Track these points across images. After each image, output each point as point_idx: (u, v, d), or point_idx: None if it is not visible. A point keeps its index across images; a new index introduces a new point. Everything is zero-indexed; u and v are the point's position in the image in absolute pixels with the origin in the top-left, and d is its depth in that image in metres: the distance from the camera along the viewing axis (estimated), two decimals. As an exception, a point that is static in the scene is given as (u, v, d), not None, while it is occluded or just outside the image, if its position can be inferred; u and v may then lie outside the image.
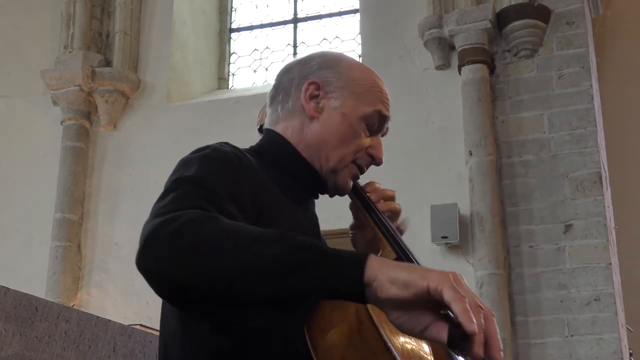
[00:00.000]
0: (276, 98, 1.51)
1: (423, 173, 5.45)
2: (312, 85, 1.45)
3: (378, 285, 1.01)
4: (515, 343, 4.98)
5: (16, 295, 1.86)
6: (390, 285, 1.00)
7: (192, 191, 1.20)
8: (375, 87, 1.48)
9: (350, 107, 1.44)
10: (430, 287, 0.99)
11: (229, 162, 1.31)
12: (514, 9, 5.52)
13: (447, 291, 0.98)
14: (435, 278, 0.99)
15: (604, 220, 5.02)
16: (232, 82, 7.08)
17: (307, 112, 1.45)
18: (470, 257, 5.18)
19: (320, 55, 1.53)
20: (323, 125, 1.44)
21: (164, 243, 1.08)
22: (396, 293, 1.00)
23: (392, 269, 1.02)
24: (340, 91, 1.45)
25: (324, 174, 1.46)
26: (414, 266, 1.06)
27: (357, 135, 1.44)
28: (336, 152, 1.44)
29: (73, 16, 6.61)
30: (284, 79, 1.51)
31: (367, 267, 1.02)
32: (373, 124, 1.46)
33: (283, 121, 1.48)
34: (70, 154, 6.36)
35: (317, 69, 1.47)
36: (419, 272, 1.01)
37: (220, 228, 1.09)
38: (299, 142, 1.46)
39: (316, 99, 1.45)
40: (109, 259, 6.08)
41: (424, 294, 0.99)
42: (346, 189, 1.49)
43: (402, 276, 1.00)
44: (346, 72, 1.47)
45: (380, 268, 1.02)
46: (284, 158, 1.46)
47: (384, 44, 5.93)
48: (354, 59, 1.58)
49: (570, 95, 5.33)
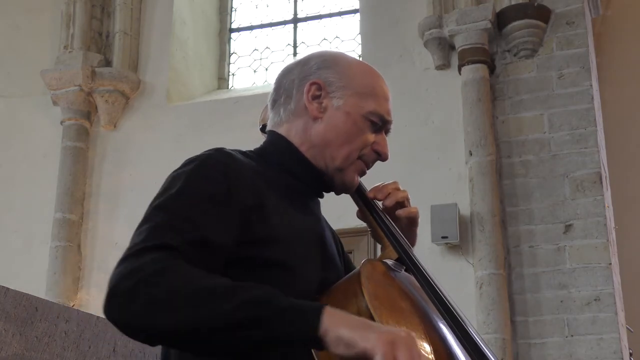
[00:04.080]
0: (278, 100, 1.51)
1: (423, 173, 5.45)
2: (314, 85, 1.46)
3: (329, 341, 1.05)
4: (515, 343, 4.98)
5: (16, 295, 1.86)
6: (338, 344, 1.05)
7: (164, 225, 1.22)
8: (376, 86, 1.49)
9: (352, 105, 1.45)
10: (367, 350, 1.03)
11: (215, 179, 1.30)
12: (514, 9, 5.52)
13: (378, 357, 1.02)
14: (374, 341, 1.03)
15: (604, 220, 5.02)
16: (232, 82, 7.07)
17: (310, 112, 1.45)
18: (470, 257, 5.17)
19: (318, 55, 1.53)
20: (327, 125, 1.45)
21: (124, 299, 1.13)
22: (342, 351, 1.05)
23: (340, 326, 1.05)
24: (342, 90, 1.45)
25: (329, 172, 1.46)
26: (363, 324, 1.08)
27: (361, 133, 1.45)
28: (342, 151, 1.44)
29: (73, 16, 6.60)
30: (285, 81, 1.51)
31: (322, 322, 1.06)
32: (376, 122, 1.46)
33: (286, 123, 1.49)
34: (70, 154, 6.36)
35: (317, 69, 1.48)
36: (362, 333, 1.05)
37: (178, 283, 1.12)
38: (302, 142, 1.46)
39: (318, 99, 1.45)
40: (109, 259, 6.07)
41: (364, 355, 1.03)
42: (353, 185, 1.49)
43: (347, 335, 1.04)
44: (346, 71, 1.47)
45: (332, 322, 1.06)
46: (287, 159, 1.46)
47: (384, 44, 5.92)
48: (352, 57, 1.58)
49: (570, 95, 5.33)
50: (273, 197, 1.37)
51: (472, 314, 4.87)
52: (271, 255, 1.30)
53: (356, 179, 1.49)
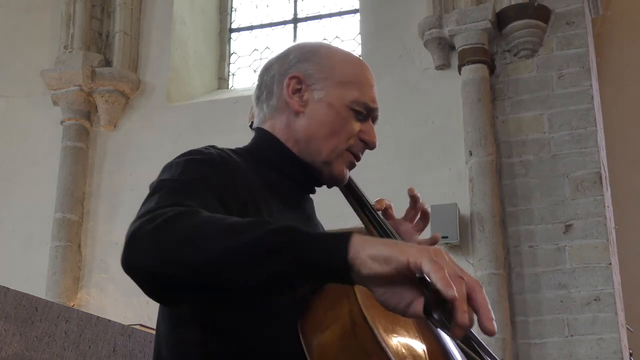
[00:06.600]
0: (260, 97, 1.50)
1: (423, 173, 5.45)
2: (293, 79, 1.44)
3: (360, 263, 1.01)
4: (515, 343, 4.98)
5: (16, 295, 1.86)
6: (372, 262, 1.00)
7: (174, 189, 1.22)
8: (358, 74, 1.46)
9: (335, 96, 1.42)
10: (409, 261, 0.99)
11: (213, 164, 1.31)
12: (514, 9, 5.52)
13: (425, 263, 0.98)
14: (414, 252, 0.99)
15: (604, 220, 5.02)
16: (232, 82, 7.08)
17: (291, 107, 1.44)
18: (470, 257, 5.18)
19: (297, 47, 1.51)
20: (310, 118, 1.43)
21: (146, 240, 1.09)
22: (378, 269, 1.00)
23: (374, 245, 1.02)
24: (323, 82, 1.43)
25: (317, 166, 1.44)
26: (396, 242, 1.06)
27: (346, 123, 1.43)
28: (327, 143, 1.42)
29: (73, 16, 6.61)
30: (265, 77, 1.50)
31: (351, 245, 1.01)
32: (361, 110, 1.44)
33: (270, 119, 1.47)
34: (70, 154, 6.36)
35: (296, 62, 1.46)
36: (400, 248, 1.01)
37: (200, 220, 1.10)
38: (287, 138, 1.45)
39: (299, 93, 1.44)
40: (109, 259, 6.08)
41: (404, 269, 0.99)
42: (343, 178, 1.47)
43: (383, 252, 1.00)
44: (326, 62, 1.45)
45: (363, 245, 1.02)
46: (274, 156, 1.45)
47: (384, 44, 5.92)
48: (333, 46, 1.56)
49: (570, 95, 5.33)
50: (265, 195, 1.37)
51: (472, 314, 4.86)
52: None
53: (345, 171, 1.46)
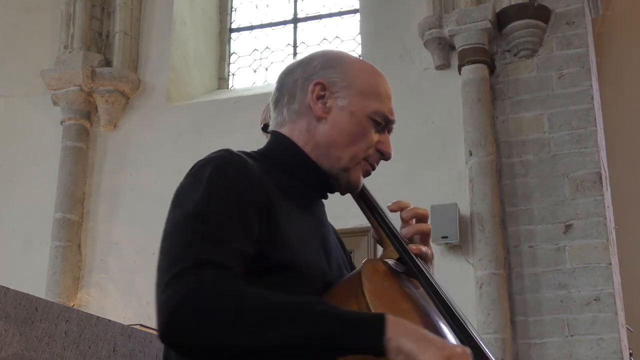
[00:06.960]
0: (281, 100, 1.50)
1: (423, 173, 5.45)
2: (318, 85, 1.45)
3: (390, 349, 1.09)
4: (515, 343, 4.98)
5: (16, 295, 1.86)
6: (398, 353, 1.09)
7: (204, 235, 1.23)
8: (379, 85, 1.49)
9: (357, 105, 1.44)
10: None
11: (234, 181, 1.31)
12: (514, 9, 5.52)
13: None
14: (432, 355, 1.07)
15: (604, 220, 5.02)
16: (232, 82, 7.07)
17: (315, 112, 1.45)
18: (470, 257, 5.17)
19: (321, 54, 1.52)
20: (332, 125, 1.44)
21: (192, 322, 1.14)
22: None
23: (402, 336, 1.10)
24: (346, 90, 1.45)
25: (334, 173, 1.46)
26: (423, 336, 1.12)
27: (366, 133, 1.45)
28: (347, 151, 1.44)
29: (73, 16, 6.60)
30: (287, 81, 1.50)
31: (386, 331, 1.10)
32: (380, 121, 1.46)
33: (289, 123, 1.48)
34: (70, 154, 6.36)
35: (320, 68, 1.47)
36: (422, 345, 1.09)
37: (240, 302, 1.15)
38: (306, 143, 1.45)
39: (322, 99, 1.45)
40: (109, 259, 6.08)
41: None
42: (358, 185, 1.49)
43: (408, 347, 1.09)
44: (349, 71, 1.47)
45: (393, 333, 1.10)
46: (291, 160, 1.46)
47: (384, 44, 5.92)
48: (354, 56, 1.58)
49: (570, 95, 5.33)
50: (280, 199, 1.37)
51: (472, 314, 4.87)
52: (278, 257, 1.30)
53: (361, 179, 1.49)
